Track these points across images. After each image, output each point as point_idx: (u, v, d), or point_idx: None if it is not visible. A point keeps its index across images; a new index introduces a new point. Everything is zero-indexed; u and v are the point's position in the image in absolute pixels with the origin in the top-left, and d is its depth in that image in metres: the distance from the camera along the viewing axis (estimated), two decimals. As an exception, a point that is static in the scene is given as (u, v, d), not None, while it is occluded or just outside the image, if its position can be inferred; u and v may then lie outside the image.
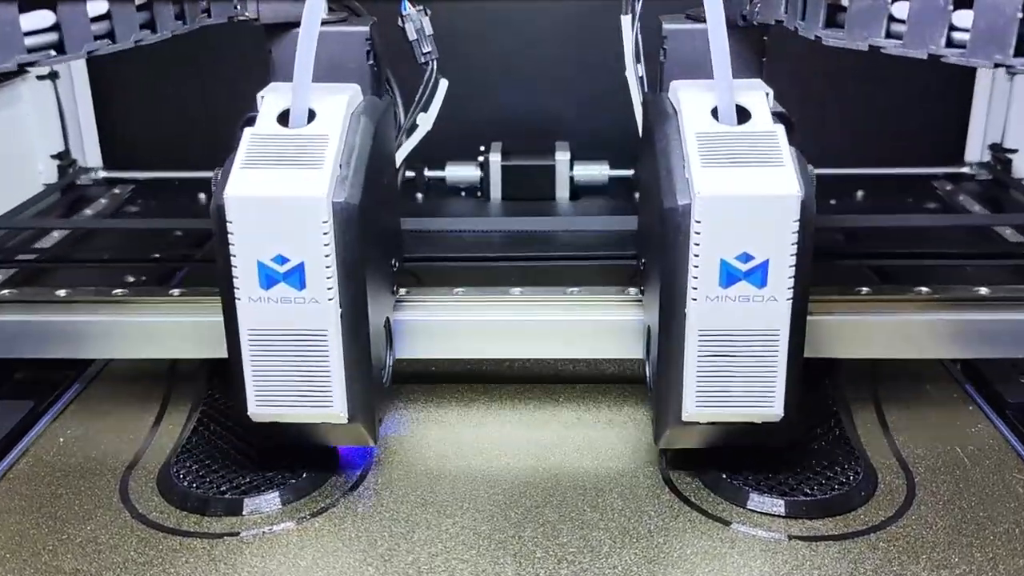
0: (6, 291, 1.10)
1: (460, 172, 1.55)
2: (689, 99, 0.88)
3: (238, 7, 0.95)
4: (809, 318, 0.85)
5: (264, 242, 0.81)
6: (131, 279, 1.20)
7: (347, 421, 0.87)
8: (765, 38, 0.95)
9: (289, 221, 0.81)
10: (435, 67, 1.06)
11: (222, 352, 0.87)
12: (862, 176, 1.57)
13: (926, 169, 1.59)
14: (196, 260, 1.27)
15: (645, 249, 0.99)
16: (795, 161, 0.81)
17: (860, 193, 1.53)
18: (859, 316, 1.03)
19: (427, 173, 1.56)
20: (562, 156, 1.53)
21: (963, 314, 1.03)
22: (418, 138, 1.11)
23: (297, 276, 0.82)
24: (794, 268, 0.81)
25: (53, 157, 1.59)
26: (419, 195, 1.56)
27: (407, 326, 1.03)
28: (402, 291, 1.05)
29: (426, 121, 1.10)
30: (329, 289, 0.82)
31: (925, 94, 1.57)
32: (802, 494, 0.89)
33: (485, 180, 1.53)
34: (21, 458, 0.98)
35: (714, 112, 0.85)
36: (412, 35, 1.05)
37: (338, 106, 0.88)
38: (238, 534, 0.86)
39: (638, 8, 1.00)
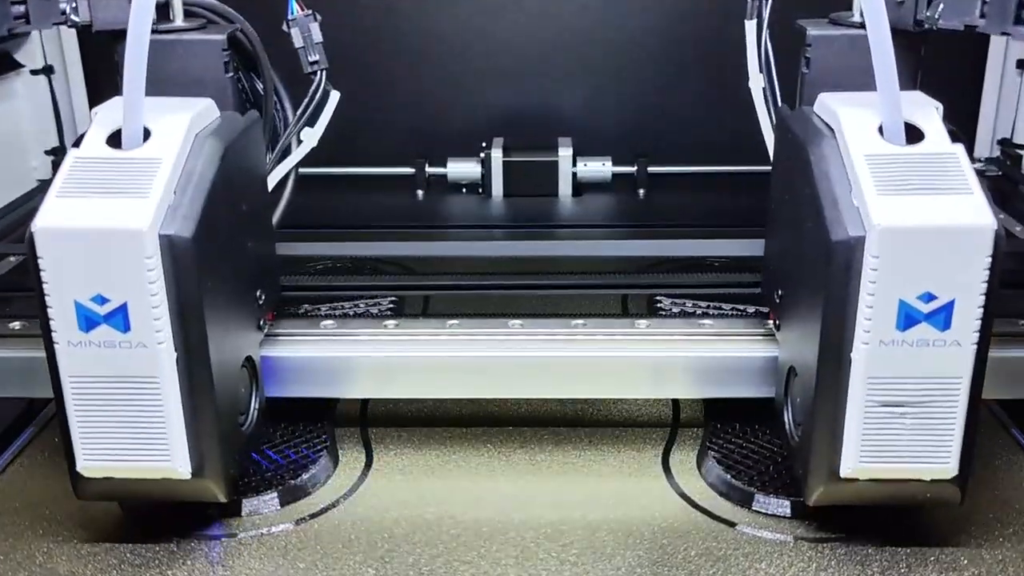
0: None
1: (461, 168, 1.55)
2: (850, 115, 0.79)
3: (67, 10, 0.90)
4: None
5: (81, 280, 0.74)
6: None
7: (190, 476, 0.80)
8: (923, 46, 0.89)
9: (108, 257, 0.73)
10: (323, 78, 1.00)
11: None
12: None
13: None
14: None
15: (786, 280, 0.90)
16: (983, 187, 0.74)
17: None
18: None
19: (428, 170, 1.56)
20: (564, 152, 1.53)
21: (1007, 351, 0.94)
22: (299, 156, 1.04)
23: (120, 317, 0.74)
24: (982, 309, 0.74)
25: (47, 153, 1.59)
26: (419, 192, 1.56)
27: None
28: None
29: (311, 137, 1.03)
30: (158, 332, 0.75)
31: (934, 89, 1.56)
32: (808, 495, 0.88)
33: (486, 176, 1.53)
34: (16, 458, 0.98)
35: (879, 130, 0.78)
36: (298, 42, 0.98)
37: (178, 125, 0.80)
38: (236, 535, 0.86)
39: (766, 13, 0.94)
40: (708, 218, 1.45)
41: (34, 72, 1.56)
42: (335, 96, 1.01)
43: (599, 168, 1.55)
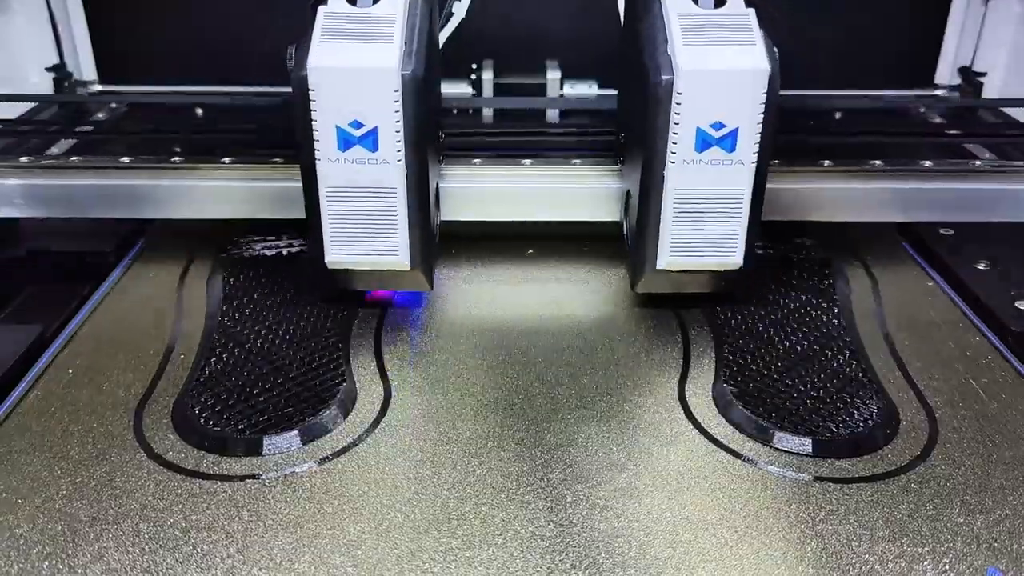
0: (75, 158, 1.11)
1: (452, 91, 1.41)
2: None
3: None
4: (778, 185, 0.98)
5: (342, 109, 0.83)
6: (179, 150, 1.15)
7: (409, 268, 0.90)
8: None
9: (365, 90, 0.82)
10: None
11: (272, 213, 1.03)
12: (834, 98, 1.44)
13: (898, 91, 1.47)
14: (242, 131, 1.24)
15: (627, 124, 1.01)
16: (764, 41, 0.84)
17: (838, 115, 1.40)
18: (820, 184, 1.08)
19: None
20: (552, 75, 1.39)
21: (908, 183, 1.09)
22: (454, 24, 1.14)
23: (371, 139, 0.84)
24: (759, 136, 0.84)
25: (48, 70, 1.42)
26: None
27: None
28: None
29: (460, 9, 1.13)
30: (399, 152, 0.84)
31: (897, 17, 1.44)
32: (827, 431, 0.79)
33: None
34: (29, 391, 0.84)
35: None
36: None
37: None
38: (259, 476, 0.75)
39: None
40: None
41: (30, -13, 1.38)
42: None
43: (585, 90, 1.42)
